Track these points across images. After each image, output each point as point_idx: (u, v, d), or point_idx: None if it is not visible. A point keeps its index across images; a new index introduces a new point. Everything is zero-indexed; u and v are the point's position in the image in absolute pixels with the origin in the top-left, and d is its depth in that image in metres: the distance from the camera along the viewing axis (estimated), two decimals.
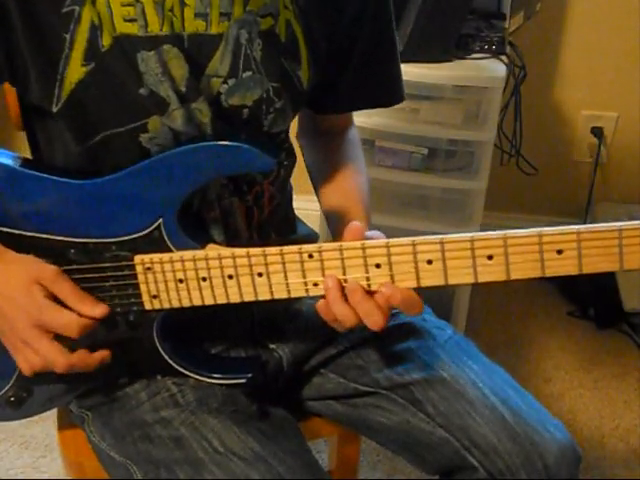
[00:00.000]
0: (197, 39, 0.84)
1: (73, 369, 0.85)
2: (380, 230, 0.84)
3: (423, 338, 1.02)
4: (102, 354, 0.87)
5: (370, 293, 0.80)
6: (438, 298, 1.50)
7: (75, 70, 0.82)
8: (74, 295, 0.84)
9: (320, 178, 1.06)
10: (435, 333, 1.03)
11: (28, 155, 0.96)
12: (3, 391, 0.95)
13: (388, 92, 1.06)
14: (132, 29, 0.81)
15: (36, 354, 0.84)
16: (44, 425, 1.74)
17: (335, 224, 1.00)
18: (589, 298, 2.18)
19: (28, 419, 1.02)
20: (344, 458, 1.22)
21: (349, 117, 1.14)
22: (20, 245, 0.87)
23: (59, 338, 0.84)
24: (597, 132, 2.25)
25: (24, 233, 0.87)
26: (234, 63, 0.86)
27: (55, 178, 0.85)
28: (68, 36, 0.80)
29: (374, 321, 0.79)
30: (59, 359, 0.83)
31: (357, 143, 1.13)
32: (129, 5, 0.81)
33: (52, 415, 1.10)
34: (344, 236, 0.81)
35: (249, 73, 0.87)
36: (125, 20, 0.81)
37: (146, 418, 0.93)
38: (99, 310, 0.85)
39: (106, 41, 0.81)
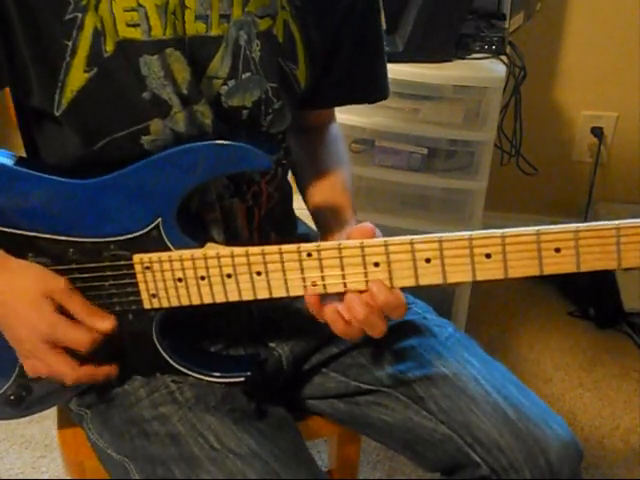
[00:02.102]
0: (198, 41, 0.85)
1: (80, 382, 0.86)
2: (380, 230, 0.84)
3: (424, 336, 1.02)
4: (109, 368, 0.88)
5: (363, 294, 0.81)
6: (438, 298, 1.50)
7: (76, 77, 0.82)
8: (84, 309, 0.84)
9: (305, 173, 1.06)
10: (436, 331, 1.03)
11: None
12: (3, 389, 0.95)
13: (373, 89, 1.06)
14: (135, 34, 0.81)
15: (44, 364, 0.85)
16: (44, 425, 1.74)
17: (324, 218, 1.00)
18: (589, 298, 2.18)
19: (28, 419, 1.02)
20: (344, 458, 1.22)
21: (331, 112, 1.14)
22: (19, 245, 0.87)
23: (66, 350, 0.84)
24: (597, 132, 2.25)
25: (23, 233, 0.87)
26: (234, 64, 0.87)
27: (53, 178, 0.85)
28: (70, 43, 0.81)
29: (379, 331, 0.82)
30: (68, 373, 0.84)
31: (339, 137, 1.14)
32: (132, 10, 0.81)
33: (52, 415, 1.10)
34: (352, 234, 0.81)
35: (248, 74, 0.88)
36: (128, 25, 0.81)
37: (144, 414, 0.93)
38: (108, 323, 0.85)
39: (109, 47, 0.81)
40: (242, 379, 0.91)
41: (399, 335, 1.02)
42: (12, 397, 0.95)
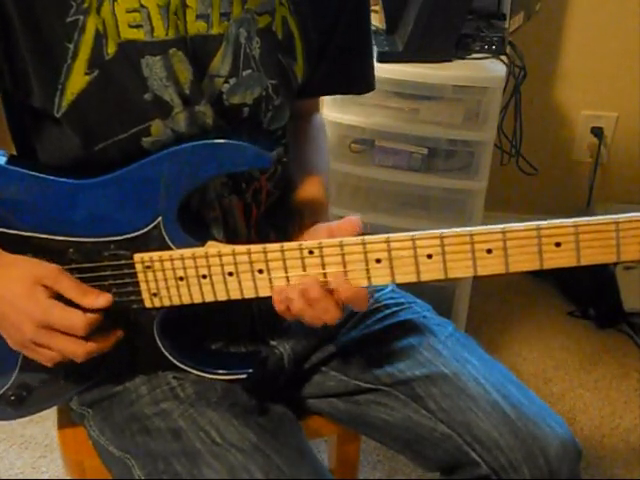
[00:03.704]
0: (200, 40, 0.85)
1: (92, 355, 0.85)
2: (380, 230, 0.84)
3: (424, 335, 1.02)
4: (116, 334, 0.87)
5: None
6: (438, 297, 1.50)
7: (77, 80, 0.82)
8: (77, 289, 0.84)
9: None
10: (436, 330, 1.03)
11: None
12: (3, 390, 0.95)
13: (360, 81, 1.08)
14: (138, 35, 0.81)
15: (52, 350, 0.84)
16: (44, 425, 1.74)
17: (298, 208, 1.00)
18: (589, 298, 2.18)
19: (28, 419, 1.02)
20: (344, 458, 1.22)
21: (316, 102, 1.16)
22: (19, 246, 0.87)
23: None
24: (597, 132, 2.25)
25: (22, 233, 0.87)
26: (234, 62, 0.87)
27: (52, 178, 0.85)
28: (72, 46, 0.81)
29: (331, 317, 0.81)
30: (77, 349, 0.84)
31: (322, 127, 1.15)
32: (134, 11, 0.81)
33: (52, 415, 1.10)
34: (338, 226, 0.82)
35: (249, 71, 0.88)
36: (130, 26, 0.81)
37: (145, 411, 0.93)
38: (103, 300, 0.85)
39: (110, 49, 0.81)
40: (243, 376, 0.91)
41: (398, 334, 1.02)
42: (13, 397, 0.95)
